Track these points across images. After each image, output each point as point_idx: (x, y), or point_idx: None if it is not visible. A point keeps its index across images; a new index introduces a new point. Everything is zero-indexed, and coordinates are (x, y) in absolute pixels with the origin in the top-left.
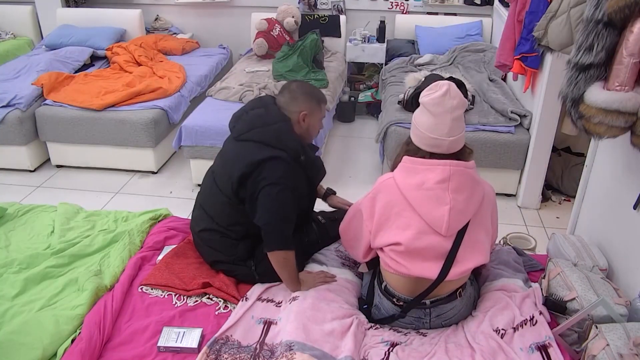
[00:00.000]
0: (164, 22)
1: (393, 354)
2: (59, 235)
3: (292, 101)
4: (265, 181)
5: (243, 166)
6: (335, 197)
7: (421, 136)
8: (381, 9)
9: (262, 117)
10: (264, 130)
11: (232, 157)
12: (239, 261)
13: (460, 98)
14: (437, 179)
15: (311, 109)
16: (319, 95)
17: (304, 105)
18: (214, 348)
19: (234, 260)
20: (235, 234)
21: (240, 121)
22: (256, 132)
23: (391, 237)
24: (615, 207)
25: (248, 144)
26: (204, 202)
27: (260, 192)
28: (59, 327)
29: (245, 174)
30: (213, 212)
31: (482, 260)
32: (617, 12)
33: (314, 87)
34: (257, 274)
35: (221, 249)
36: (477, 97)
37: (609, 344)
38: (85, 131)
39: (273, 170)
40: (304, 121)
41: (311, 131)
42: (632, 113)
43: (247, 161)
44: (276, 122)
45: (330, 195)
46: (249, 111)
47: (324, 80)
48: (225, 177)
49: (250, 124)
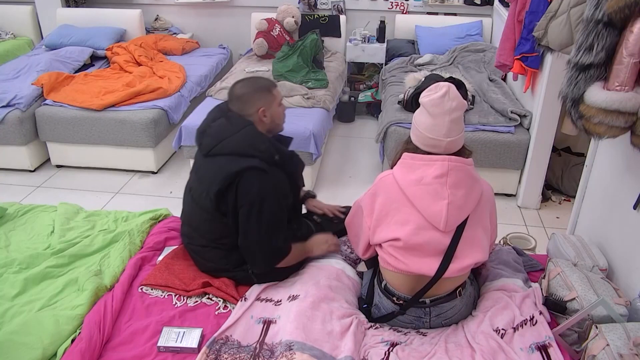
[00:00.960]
0: (164, 22)
1: (393, 354)
2: (59, 235)
3: (245, 104)
4: (243, 199)
5: (219, 182)
6: (312, 200)
7: (420, 136)
8: (381, 9)
9: (226, 127)
10: (232, 140)
11: (206, 173)
12: (234, 268)
13: (459, 100)
14: (435, 173)
15: (266, 101)
16: (264, 84)
17: (257, 101)
18: (214, 348)
19: (229, 268)
20: (225, 245)
21: (205, 136)
22: (224, 144)
23: (390, 232)
24: (615, 207)
25: (220, 159)
26: (188, 219)
27: (239, 212)
28: (59, 327)
29: (222, 189)
30: (199, 229)
31: (481, 257)
32: (617, 12)
33: (256, 78)
34: (255, 276)
35: (214, 260)
36: (477, 97)
37: (609, 344)
38: (85, 131)
39: (249, 186)
40: (265, 116)
41: (276, 120)
42: (632, 113)
43: (222, 176)
44: (241, 129)
45: (307, 199)
46: (211, 124)
47: (324, 80)
48: (203, 195)
49: (216, 137)
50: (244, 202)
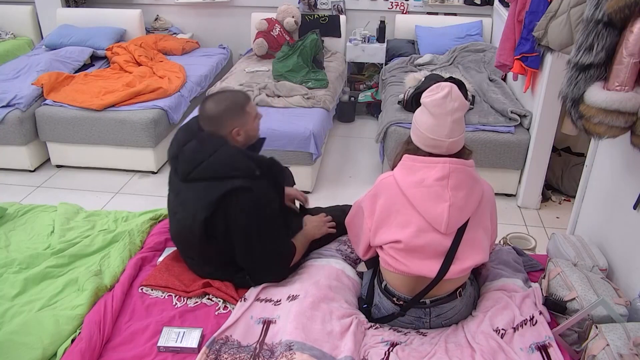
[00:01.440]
0: (164, 22)
1: (393, 354)
2: (59, 235)
3: (217, 126)
4: (235, 223)
5: (204, 209)
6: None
7: (421, 136)
8: (381, 9)
9: (200, 151)
10: (208, 164)
11: (188, 200)
12: (231, 277)
13: (461, 100)
14: (436, 176)
15: (240, 121)
16: (238, 101)
17: (231, 123)
18: (214, 348)
19: (226, 278)
20: (217, 263)
21: (179, 162)
22: (201, 169)
23: (391, 235)
24: (615, 207)
25: (199, 185)
26: (176, 238)
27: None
28: (59, 327)
29: (208, 216)
30: (188, 250)
31: (482, 259)
32: (617, 12)
33: (228, 94)
34: (252, 281)
35: (209, 273)
36: (477, 97)
37: (609, 344)
38: (85, 131)
39: (237, 209)
40: (240, 134)
41: (251, 134)
42: (632, 113)
43: (206, 203)
44: (215, 150)
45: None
46: (182, 148)
47: (324, 80)
48: (189, 222)
49: (191, 163)
50: (237, 226)
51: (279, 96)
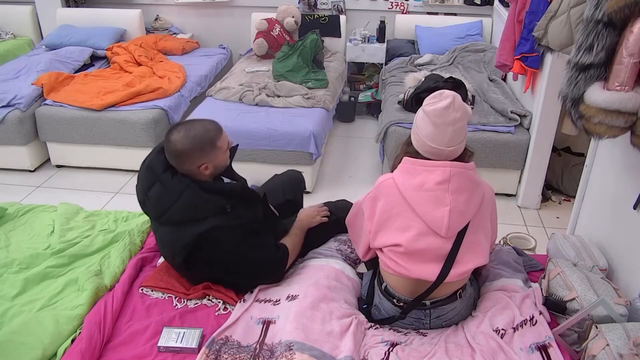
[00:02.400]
0: (164, 22)
1: (393, 354)
2: (59, 235)
3: (184, 162)
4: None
5: (179, 252)
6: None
7: (421, 142)
8: (381, 9)
9: (164, 196)
10: (174, 211)
11: (163, 240)
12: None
13: (463, 110)
14: (437, 180)
15: (208, 157)
16: (208, 136)
17: (199, 159)
18: (214, 348)
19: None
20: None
21: (147, 207)
22: (169, 215)
23: (391, 238)
24: (615, 207)
25: (170, 228)
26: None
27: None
28: (59, 327)
29: (186, 257)
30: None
31: (482, 261)
32: (617, 12)
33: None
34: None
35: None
36: (477, 97)
37: (609, 344)
38: (85, 131)
39: (214, 248)
40: (207, 169)
41: (220, 165)
42: (632, 113)
43: (180, 247)
44: (180, 194)
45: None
46: (147, 193)
47: (324, 80)
48: (169, 259)
49: (158, 210)
50: (218, 261)
51: (279, 96)
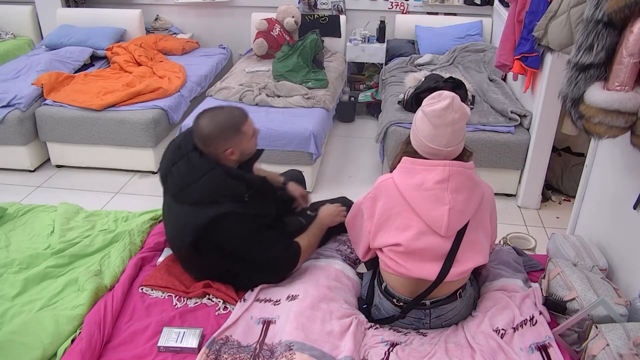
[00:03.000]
0: (164, 22)
1: (393, 354)
2: (59, 235)
3: (210, 146)
4: (228, 246)
5: (190, 233)
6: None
7: (420, 142)
8: (381, 9)
9: (189, 173)
10: (196, 188)
11: (177, 219)
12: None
13: (462, 111)
14: (436, 179)
15: (233, 141)
16: (234, 122)
17: (225, 143)
18: (214, 348)
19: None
20: (212, 272)
21: (168, 181)
22: (189, 192)
23: (390, 238)
24: (615, 207)
25: (186, 207)
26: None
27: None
28: (59, 327)
29: (195, 239)
30: (184, 264)
31: (482, 260)
32: (617, 12)
33: (224, 113)
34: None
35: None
36: (477, 97)
37: (609, 344)
38: (85, 131)
39: (227, 233)
40: (233, 154)
41: (247, 152)
42: (632, 113)
43: (193, 227)
44: (204, 174)
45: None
46: (172, 168)
47: (324, 80)
48: (178, 242)
49: (180, 185)
50: (227, 249)
51: (279, 96)
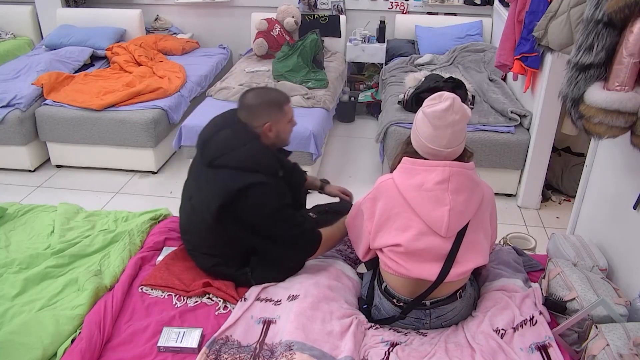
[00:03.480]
0: (164, 22)
1: (393, 354)
2: (59, 235)
3: (253, 116)
4: (255, 217)
5: (221, 196)
6: (331, 186)
7: (420, 143)
8: (381, 9)
9: (231, 140)
10: (236, 154)
11: (207, 185)
12: (235, 272)
13: (463, 113)
14: (436, 179)
15: (274, 117)
16: (278, 99)
17: (266, 116)
18: (214, 348)
19: (231, 272)
20: (226, 252)
21: (209, 145)
22: (228, 157)
23: (391, 238)
24: (615, 207)
25: (223, 171)
26: (186, 226)
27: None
28: (59, 327)
29: (225, 204)
30: (198, 237)
31: (482, 261)
32: (617, 12)
33: (271, 91)
34: (253, 279)
35: (214, 266)
36: (477, 97)
37: (609, 344)
38: (85, 131)
39: (257, 203)
40: (271, 131)
41: (282, 136)
42: (632, 113)
43: (225, 190)
44: (246, 143)
45: (325, 187)
46: (216, 133)
47: (324, 80)
48: (204, 206)
49: (221, 149)
50: (257, 219)
51: None
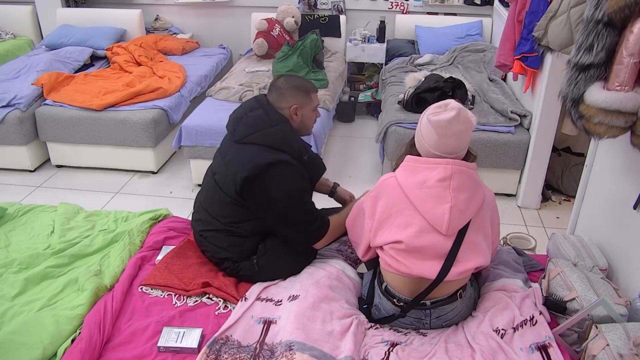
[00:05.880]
0: (164, 22)
1: (393, 354)
2: (59, 235)
3: (281, 97)
4: (278, 193)
5: (248, 169)
6: (340, 189)
7: (424, 149)
8: (381, 9)
9: (264, 119)
10: (267, 132)
11: (235, 158)
12: (243, 259)
13: (467, 123)
14: (438, 177)
15: (301, 101)
16: (307, 86)
17: (293, 99)
18: (214, 348)
19: (239, 258)
20: (241, 231)
21: (241, 124)
22: (260, 135)
23: (392, 235)
24: (615, 207)
25: (252, 147)
26: (206, 203)
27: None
28: (59, 327)
29: (250, 177)
30: (217, 212)
31: (482, 262)
32: (617, 12)
33: (301, 78)
34: (257, 266)
35: (227, 246)
36: (477, 97)
37: (609, 344)
38: (85, 131)
39: (282, 179)
40: (297, 114)
41: (306, 122)
42: (632, 113)
43: (253, 164)
44: (278, 124)
45: (337, 189)
46: (248, 113)
47: (324, 80)
48: (229, 178)
49: (252, 127)
50: (279, 195)
51: None
